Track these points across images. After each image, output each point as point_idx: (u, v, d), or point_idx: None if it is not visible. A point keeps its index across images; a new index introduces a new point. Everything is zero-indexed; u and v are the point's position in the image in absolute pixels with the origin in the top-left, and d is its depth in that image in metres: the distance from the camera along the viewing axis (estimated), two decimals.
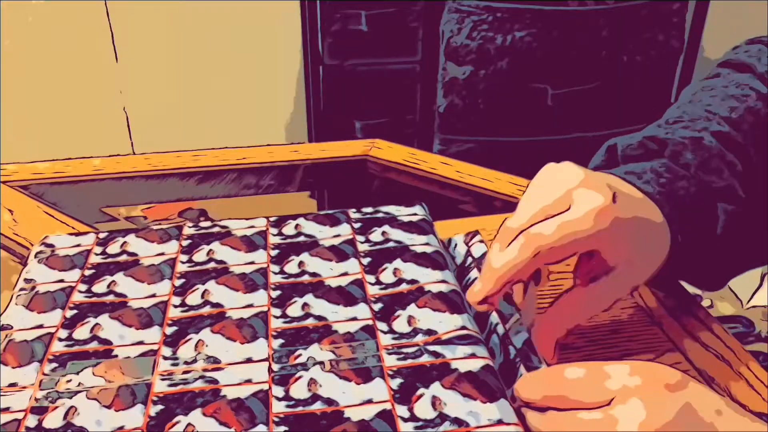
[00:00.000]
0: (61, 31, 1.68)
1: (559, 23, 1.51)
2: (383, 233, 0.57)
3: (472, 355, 0.44)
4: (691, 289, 0.58)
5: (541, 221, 0.44)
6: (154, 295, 0.51)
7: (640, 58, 1.59)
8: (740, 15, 1.98)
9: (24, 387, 0.43)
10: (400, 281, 0.52)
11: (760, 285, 1.66)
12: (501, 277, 0.44)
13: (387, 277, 0.52)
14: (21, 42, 1.66)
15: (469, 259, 0.55)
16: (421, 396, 0.41)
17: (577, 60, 1.56)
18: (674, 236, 0.47)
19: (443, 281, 0.51)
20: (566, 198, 0.44)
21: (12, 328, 0.47)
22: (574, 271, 0.48)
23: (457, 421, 0.40)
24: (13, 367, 0.44)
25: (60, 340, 0.46)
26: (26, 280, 0.52)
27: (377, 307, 0.49)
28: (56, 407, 0.41)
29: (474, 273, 0.53)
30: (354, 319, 0.48)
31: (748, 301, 1.64)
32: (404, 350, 0.45)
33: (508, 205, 0.72)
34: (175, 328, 0.47)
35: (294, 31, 1.76)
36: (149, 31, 1.73)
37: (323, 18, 1.59)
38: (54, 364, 0.44)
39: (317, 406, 0.41)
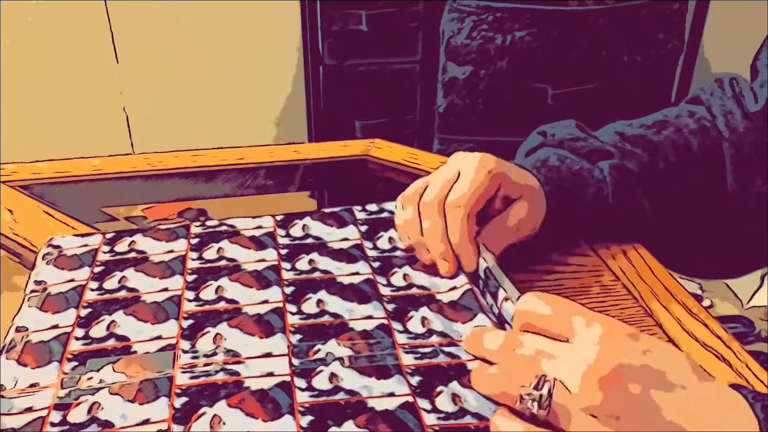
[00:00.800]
0: (61, 31, 1.68)
1: (559, 23, 1.51)
2: (390, 239, 0.58)
3: None
4: (692, 289, 0.58)
5: (449, 191, 0.53)
6: (166, 289, 0.51)
7: (640, 58, 1.59)
8: (740, 15, 1.98)
9: (45, 387, 0.43)
10: (410, 285, 0.52)
11: (761, 285, 1.66)
12: (467, 244, 0.52)
13: (397, 280, 0.53)
14: (21, 42, 1.66)
15: None
16: (440, 392, 0.42)
17: (577, 60, 1.56)
18: (548, 195, 0.56)
19: (453, 288, 0.52)
20: (455, 167, 0.54)
21: (27, 330, 0.47)
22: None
23: (478, 416, 0.40)
24: (33, 368, 0.44)
25: (77, 339, 0.46)
26: (36, 282, 0.52)
27: (390, 307, 0.49)
28: (80, 403, 0.41)
29: None
30: (369, 317, 0.48)
31: (748, 301, 1.64)
32: (420, 350, 0.45)
33: None
34: (191, 321, 0.48)
35: (294, 31, 1.76)
36: (149, 31, 1.73)
37: (323, 18, 1.59)
38: (74, 363, 0.44)
39: (340, 396, 0.41)
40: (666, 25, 1.59)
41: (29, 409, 0.41)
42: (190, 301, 0.50)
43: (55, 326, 0.47)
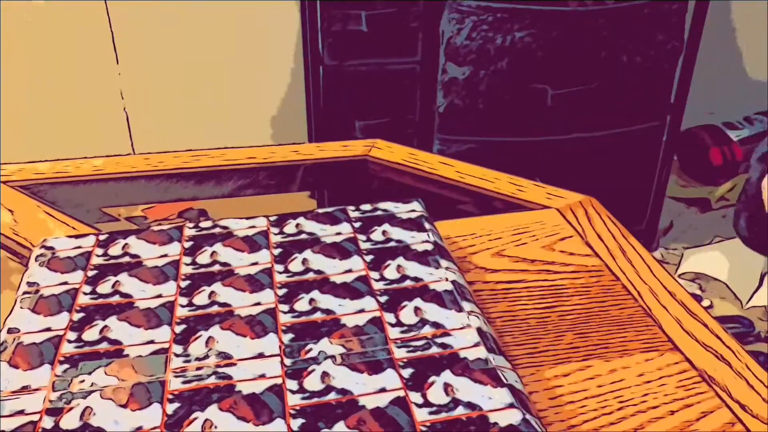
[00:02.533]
0: (61, 31, 1.68)
1: (559, 23, 1.51)
2: (383, 232, 0.58)
3: (479, 343, 0.45)
4: (691, 289, 0.58)
5: None
6: (160, 296, 0.51)
7: (640, 58, 1.59)
8: (740, 15, 1.98)
9: (37, 389, 0.42)
10: (403, 278, 0.52)
11: (760, 285, 1.66)
12: None
13: (391, 273, 0.53)
14: (21, 42, 1.66)
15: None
16: (432, 383, 0.42)
17: (577, 60, 1.56)
18: None
19: (445, 279, 0.52)
20: None
21: (19, 331, 0.47)
22: None
23: (470, 405, 0.41)
24: (24, 370, 0.44)
25: (69, 342, 0.46)
26: (29, 284, 0.52)
27: (383, 299, 0.50)
28: (71, 408, 0.41)
29: None
30: (361, 311, 0.48)
31: (748, 301, 1.64)
32: (413, 343, 0.46)
33: (508, 205, 0.72)
34: (184, 326, 0.48)
35: (294, 31, 1.76)
36: (149, 31, 1.73)
37: (323, 18, 1.59)
38: (66, 366, 0.44)
39: (332, 396, 0.41)
40: (666, 25, 1.59)
41: (20, 412, 0.41)
42: (183, 306, 0.50)
43: (48, 329, 0.47)
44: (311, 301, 0.50)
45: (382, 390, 0.42)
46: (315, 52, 1.63)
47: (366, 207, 0.62)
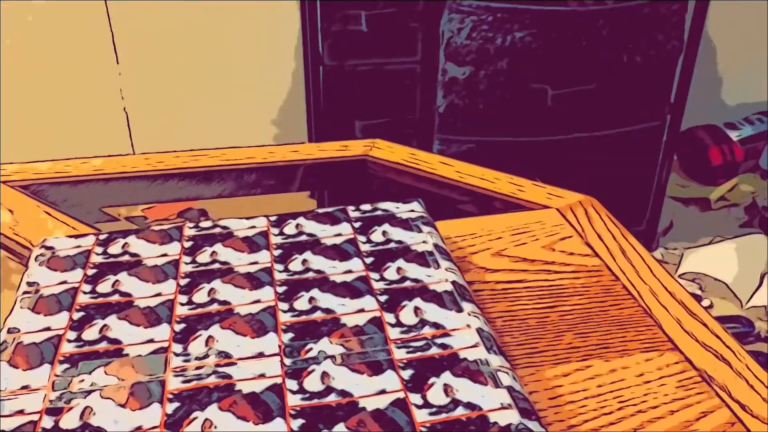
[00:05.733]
0: (61, 31, 1.68)
1: (559, 23, 1.51)
2: (384, 233, 0.58)
3: (478, 344, 0.45)
4: (691, 289, 0.58)
5: None
6: (159, 294, 0.51)
7: (640, 58, 1.59)
8: (740, 15, 1.98)
9: (36, 389, 0.42)
10: (403, 279, 0.52)
11: (760, 285, 1.66)
12: None
13: (391, 274, 0.53)
14: (21, 42, 1.66)
15: None
16: (432, 384, 0.42)
17: (577, 60, 1.56)
18: None
19: (445, 280, 0.52)
20: None
21: (19, 331, 0.47)
22: None
23: (470, 406, 0.41)
24: (24, 370, 0.44)
25: (69, 341, 0.46)
26: (29, 284, 0.52)
27: (383, 298, 0.50)
28: (71, 408, 0.41)
29: None
30: (361, 311, 0.48)
31: (748, 301, 1.64)
32: (413, 344, 0.46)
33: (508, 205, 0.72)
34: (183, 325, 0.48)
35: (294, 31, 1.76)
36: (149, 31, 1.73)
37: (323, 18, 1.59)
38: (65, 365, 0.44)
39: (332, 398, 0.41)
40: (666, 25, 1.59)
41: (20, 412, 0.41)
42: (182, 305, 0.50)
43: (47, 328, 0.47)
44: (311, 299, 0.50)
45: (382, 392, 0.42)
46: (315, 52, 1.63)
47: (366, 207, 0.62)
